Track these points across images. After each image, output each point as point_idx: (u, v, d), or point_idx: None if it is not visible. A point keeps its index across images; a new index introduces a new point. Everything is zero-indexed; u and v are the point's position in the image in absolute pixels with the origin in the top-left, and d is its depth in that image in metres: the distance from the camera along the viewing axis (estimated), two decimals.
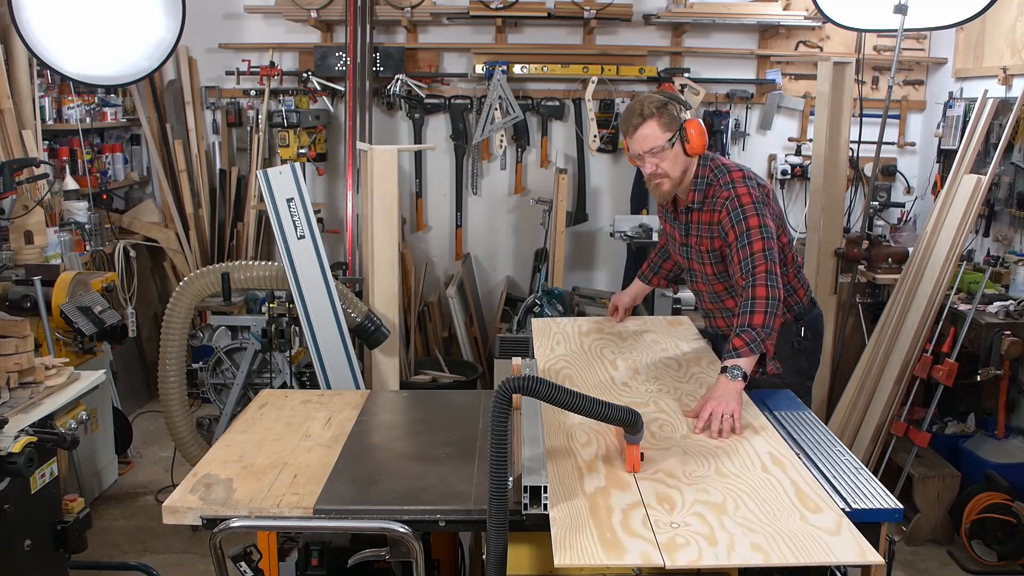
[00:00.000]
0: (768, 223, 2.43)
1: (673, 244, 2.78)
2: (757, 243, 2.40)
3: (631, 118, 2.45)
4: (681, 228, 2.67)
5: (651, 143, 2.43)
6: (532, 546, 1.78)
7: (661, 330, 3.00)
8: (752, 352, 2.28)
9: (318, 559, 2.21)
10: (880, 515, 1.84)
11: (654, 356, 2.70)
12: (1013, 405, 3.70)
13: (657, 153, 2.45)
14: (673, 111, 2.44)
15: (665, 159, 2.46)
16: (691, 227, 2.63)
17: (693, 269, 2.73)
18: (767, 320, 2.30)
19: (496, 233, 5.32)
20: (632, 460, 1.93)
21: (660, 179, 2.50)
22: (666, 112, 2.43)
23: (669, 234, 2.79)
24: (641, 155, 2.47)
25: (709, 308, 2.81)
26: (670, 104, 2.45)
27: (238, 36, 5.09)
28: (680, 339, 2.89)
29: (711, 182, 2.54)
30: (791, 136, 5.14)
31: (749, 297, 2.36)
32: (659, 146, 2.43)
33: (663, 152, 2.44)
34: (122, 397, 4.34)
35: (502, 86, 4.86)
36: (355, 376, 3.38)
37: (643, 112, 2.43)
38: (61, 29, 3.81)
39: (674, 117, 2.44)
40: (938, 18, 3.68)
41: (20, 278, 3.53)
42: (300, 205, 3.30)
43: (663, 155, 2.45)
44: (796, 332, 2.72)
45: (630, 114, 2.46)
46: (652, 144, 2.44)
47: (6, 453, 2.30)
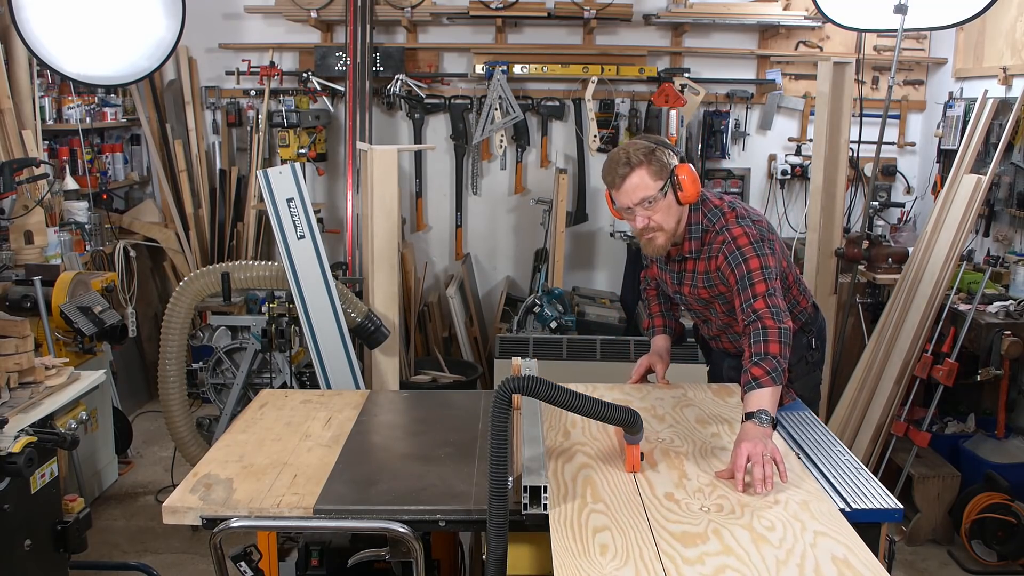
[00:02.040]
0: (769, 263, 2.24)
1: (665, 285, 2.59)
2: (759, 285, 2.21)
3: (616, 168, 2.22)
4: (673, 276, 2.50)
5: (641, 193, 2.21)
6: (532, 546, 1.79)
7: (706, 403, 2.40)
8: (774, 382, 2.06)
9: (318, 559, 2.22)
10: (880, 515, 1.85)
11: (703, 447, 2.10)
12: (1013, 405, 3.69)
13: (649, 205, 2.22)
14: (662, 157, 2.22)
15: (657, 210, 2.24)
16: (684, 276, 2.45)
17: (695, 310, 2.59)
18: (782, 350, 2.12)
19: (496, 233, 5.32)
20: (632, 460, 1.93)
21: (653, 233, 2.28)
22: (655, 159, 2.21)
23: (659, 278, 2.60)
24: (631, 208, 2.24)
25: (714, 334, 2.63)
26: (658, 150, 2.23)
27: (238, 36, 5.09)
28: (734, 417, 2.28)
29: (707, 228, 2.34)
30: (791, 136, 5.14)
31: (759, 328, 2.17)
32: (650, 196, 2.21)
33: (655, 203, 2.22)
34: (122, 397, 4.34)
35: (502, 86, 4.86)
36: (355, 376, 3.38)
37: (630, 160, 2.20)
38: (61, 29, 3.81)
39: (664, 164, 2.22)
40: (938, 18, 3.68)
41: (20, 278, 3.53)
42: (300, 205, 3.30)
43: (655, 206, 2.23)
44: (807, 345, 2.60)
45: (614, 164, 2.23)
46: (643, 195, 2.21)
47: (6, 453, 2.30)
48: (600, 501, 1.78)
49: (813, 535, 1.64)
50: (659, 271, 2.58)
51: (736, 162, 5.16)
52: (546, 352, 4.04)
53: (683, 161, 2.29)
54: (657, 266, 2.58)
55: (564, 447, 2.05)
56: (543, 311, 4.40)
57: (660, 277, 2.59)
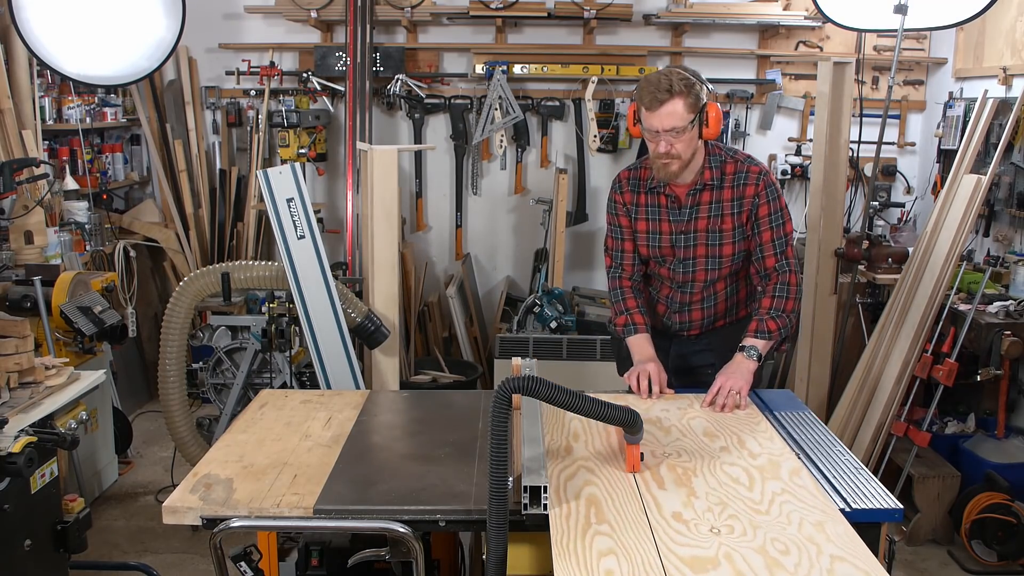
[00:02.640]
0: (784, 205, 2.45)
1: (657, 239, 2.56)
2: (789, 224, 2.41)
3: (656, 92, 2.26)
4: (682, 215, 2.50)
5: (673, 122, 2.28)
6: (532, 546, 1.79)
7: (714, 416, 2.31)
8: (780, 336, 2.35)
9: (318, 559, 2.21)
10: (880, 515, 1.84)
11: (712, 463, 1.99)
12: (1013, 405, 3.70)
13: (677, 134, 2.30)
14: (699, 91, 2.30)
15: (682, 140, 2.31)
16: (700, 209, 2.48)
17: (694, 258, 2.53)
18: (796, 307, 2.39)
19: (496, 233, 5.32)
20: (632, 460, 1.93)
21: (671, 160, 2.35)
22: (693, 91, 2.28)
23: (651, 232, 2.56)
24: (658, 132, 2.30)
25: (688, 301, 2.61)
26: (697, 83, 2.30)
27: (238, 36, 5.09)
28: (743, 431, 2.19)
29: (725, 160, 2.46)
30: (791, 136, 5.14)
31: (784, 282, 2.37)
32: (680, 126, 2.28)
33: (682, 133, 2.30)
34: (122, 397, 4.34)
35: (502, 86, 4.86)
36: (355, 376, 3.38)
37: (672, 87, 2.25)
38: (61, 29, 3.81)
39: (699, 98, 2.30)
40: (938, 18, 3.68)
41: (20, 278, 3.53)
42: (300, 205, 3.30)
43: (681, 136, 2.30)
44: None
45: (654, 86, 2.27)
46: (674, 123, 2.28)
47: (6, 453, 2.30)
48: (605, 522, 1.70)
49: (830, 559, 1.56)
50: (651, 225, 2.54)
51: None
52: (546, 352, 4.04)
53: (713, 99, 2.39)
54: (648, 221, 2.55)
55: (566, 463, 1.97)
56: (543, 311, 4.40)
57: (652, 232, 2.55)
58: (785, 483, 1.88)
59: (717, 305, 2.62)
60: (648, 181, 2.53)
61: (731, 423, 2.25)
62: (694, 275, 2.57)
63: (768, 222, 2.43)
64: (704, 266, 2.54)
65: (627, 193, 2.57)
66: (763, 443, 2.11)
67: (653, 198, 2.54)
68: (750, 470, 1.95)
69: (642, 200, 2.55)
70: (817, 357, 4.11)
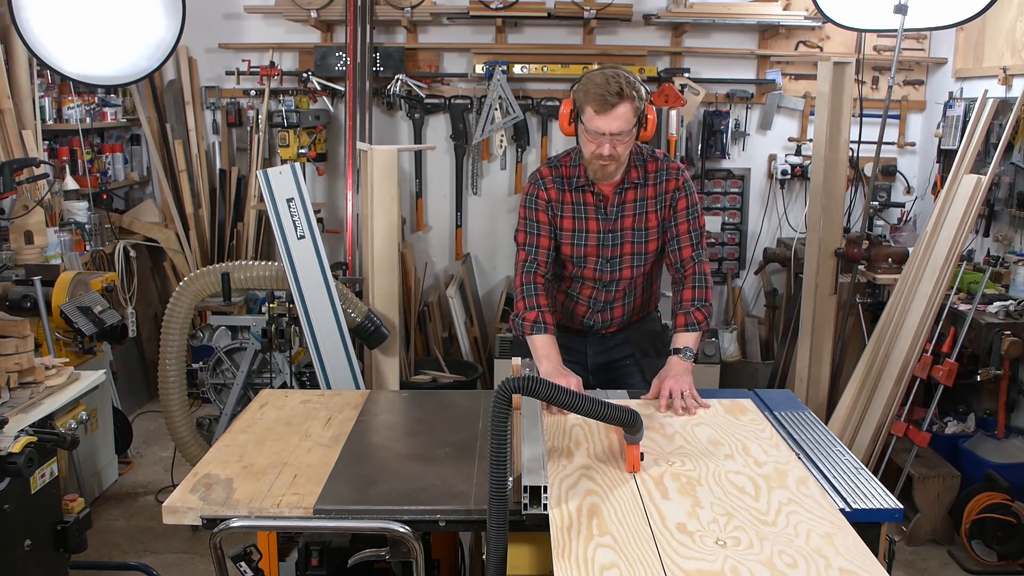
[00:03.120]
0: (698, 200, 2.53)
1: (583, 238, 2.52)
2: (703, 217, 2.52)
3: (606, 95, 2.23)
4: (610, 214, 2.49)
5: (621, 125, 2.26)
6: (532, 546, 1.78)
7: (718, 422, 2.23)
8: (707, 327, 2.44)
9: (318, 559, 2.21)
10: (880, 515, 1.84)
11: (717, 471, 1.93)
12: (1013, 405, 3.70)
13: (621, 137, 2.29)
14: (643, 93, 2.30)
15: (624, 143, 2.31)
16: (626, 207, 2.50)
17: (620, 256, 2.54)
18: (710, 295, 2.47)
19: (496, 233, 5.32)
20: (632, 460, 1.93)
21: (609, 162, 2.35)
22: (638, 94, 2.28)
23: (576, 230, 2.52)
24: (603, 135, 2.27)
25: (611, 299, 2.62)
26: (639, 85, 2.30)
27: (238, 36, 5.09)
28: (748, 438, 2.13)
29: (646, 158, 2.49)
30: (791, 136, 5.14)
31: (701, 272, 2.46)
32: (627, 130, 2.29)
33: (625, 136, 2.30)
34: (122, 397, 4.34)
35: (502, 86, 4.86)
36: (355, 376, 3.39)
37: (622, 92, 2.24)
38: (61, 29, 3.81)
39: (643, 99, 2.30)
40: (938, 18, 3.68)
41: (20, 278, 3.53)
42: (300, 205, 3.30)
43: (624, 139, 2.30)
44: None
45: (603, 90, 2.24)
46: (622, 127, 2.27)
47: (6, 453, 2.30)
48: (607, 534, 1.65)
49: (839, 573, 1.52)
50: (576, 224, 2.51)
51: (736, 162, 5.16)
52: None
53: None
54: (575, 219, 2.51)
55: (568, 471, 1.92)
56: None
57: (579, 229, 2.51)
58: (792, 492, 1.83)
59: (636, 300, 2.67)
60: (573, 179, 2.49)
61: (736, 430, 2.18)
62: (620, 273, 2.56)
63: (686, 215, 2.49)
64: (630, 263, 2.55)
65: (552, 190, 2.51)
66: (768, 450, 2.05)
67: (579, 196, 2.51)
68: (756, 479, 1.89)
69: (567, 198, 2.51)
70: (817, 357, 4.11)
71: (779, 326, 5.03)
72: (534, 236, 2.53)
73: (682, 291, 2.49)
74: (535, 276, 2.51)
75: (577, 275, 2.61)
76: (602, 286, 2.60)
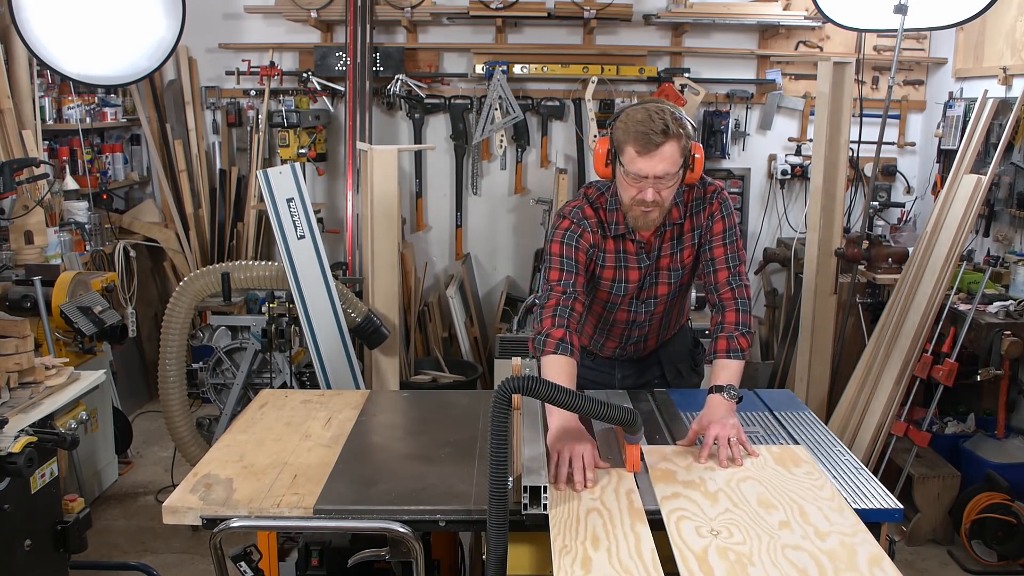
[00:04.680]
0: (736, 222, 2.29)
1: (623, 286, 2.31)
2: (739, 240, 2.25)
3: (650, 133, 1.97)
4: (649, 255, 2.27)
5: (667, 167, 2.00)
6: (532, 546, 1.78)
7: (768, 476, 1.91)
8: (748, 356, 2.18)
9: (318, 559, 2.21)
10: (880, 515, 1.84)
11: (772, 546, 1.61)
12: (1013, 405, 3.70)
13: (667, 180, 2.03)
14: (689, 131, 2.04)
15: (669, 187, 2.05)
16: (663, 247, 2.26)
17: (657, 296, 2.35)
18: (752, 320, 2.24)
19: (496, 233, 5.32)
20: (632, 460, 1.93)
21: (652, 208, 2.08)
22: (684, 132, 2.01)
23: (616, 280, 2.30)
24: (647, 178, 2.01)
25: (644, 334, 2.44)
26: (686, 122, 2.03)
27: (238, 36, 5.09)
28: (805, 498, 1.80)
29: (683, 189, 2.21)
30: (791, 136, 5.14)
31: (743, 297, 2.19)
32: (673, 172, 2.02)
33: (671, 179, 2.03)
34: (122, 397, 4.34)
35: (502, 86, 4.86)
36: (355, 376, 3.39)
37: (668, 129, 1.97)
38: (61, 29, 3.81)
39: (690, 138, 2.04)
40: (938, 18, 3.68)
41: (20, 278, 3.53)
42: (300, 205, 3.30)
43: (669, 181, 2.03)
44: None
45: (647, 128, 1.97)
46: (668, 169, 2.01)
47: (6, 453, 2.30)
48: None
49: None
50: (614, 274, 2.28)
51: (736, 162, 5.16)
52: None
53: None
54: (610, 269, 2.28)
55: None
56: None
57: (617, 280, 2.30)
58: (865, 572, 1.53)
59: (668, 326, 2.51)
60: (612, 225, 2.23)
61: (790, 486, 1.85)
62: (654, 311, 2.39)
63: (722, 238, 2.23)
64: (665, 300, 2.37)
65: (596, 234, 2.23)
66: (831, 516, 1.72)
67: (619, 244, 2.25)
68: (818, 556, 1.57)
69: (609, 246, 2.25)
70: (817, 357, 4.11)
71: (779, 326, 5.03)
72: (571, 275, 2.19)
73: (724, 313, 2.21)
74: (574, 303, 2.17)
75: (607, 318, 2.43)
76: (636, 326, 2.42)
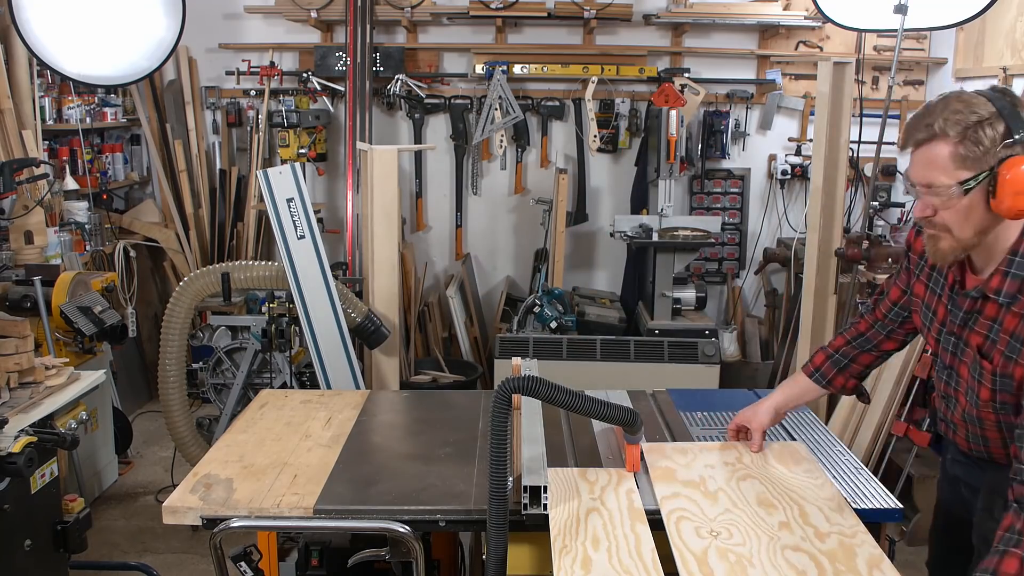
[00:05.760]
0: None
1: (929, 319, 1.83)
2: None
3: (916, 126, 1.57)
4: (956, 311, 1.72)
5: (930, 176, 1.56)
6: (532, 546, 1.79)
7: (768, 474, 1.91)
8: None
9: (318, 559, 2.21)
10: (880, 515, 1.84)
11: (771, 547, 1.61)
12: None
13: (939, 195, 1.57)
14: (986, 138, 1.51)
15: (950, 207, 1.57)
16: (975, 319, 1.68)
17: (956, 372, 1.76)
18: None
19: (496, 233, 5.32)
20: (632, 460, 1.93)
21: (936, 231, 1.62)
22: (973, 137, 1.51)
23: (926, 304, 1.84)
24: (915, 186, 1.61)
25: (955, 421, 1.83)
26: (988, 125, 1.51)
27: (238, 36, 5.09)
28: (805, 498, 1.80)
29: None
30: (791, 136, 5.14)
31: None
32: (943, 185, 1.55)
33: (948, 198, 1.56)
34: (122, 397, 4.34)
35: (502, 86, 4.86)
36: (355, 376, 3.38)
37: (935, 124, 1.54)
38: (61, 29, 3.81)
39: (985, 149, 1.51)
40: (938, 18, 3.68)
41: (20, 278, 3.53)
42: (300, 205, 3.30)
43: (948, 202, 1.56)
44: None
45: (918, 119, 1.58)
46: (932, 178, 1.56)
47: (6, 453, 2.30)
48: None
49: None
50: (928, 296, 1.83)
51: (736, 162, 5.16)
52: (546, 352, 4.04)
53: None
54: (926, 290, 1.83)
55: None
56: (543, 311, 4.40)
57: (928, 308, 1.83)
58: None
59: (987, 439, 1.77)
60: None
61: (790, 485, 1.85)
62: (956, 393, 1.80)
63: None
64: (964, 391, 1.76)
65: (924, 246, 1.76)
66: (831, 516, 1.72)
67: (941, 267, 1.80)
68: (818, 557, 1.57)
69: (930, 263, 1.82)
70: None
71: (779, 326, 5.03)
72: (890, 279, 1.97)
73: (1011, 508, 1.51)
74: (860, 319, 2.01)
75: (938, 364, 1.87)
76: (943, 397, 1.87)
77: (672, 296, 4.38)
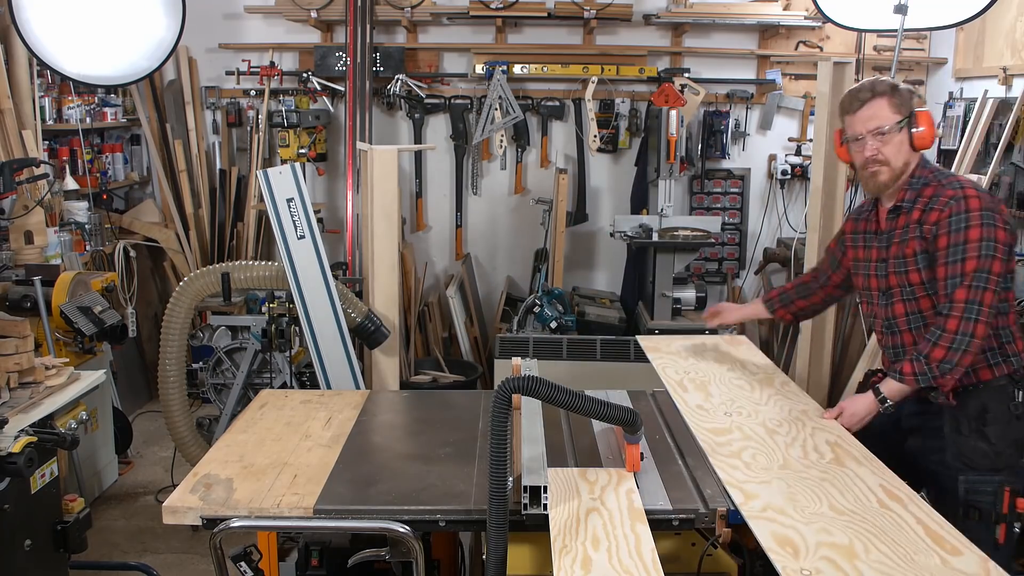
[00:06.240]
0: (997, 236, 2.08)
1: (863, 267, 2.40)
2: (971, 261, 2.07)
3: (858, 93, 2.23)
4: (882, 240, 2.32)
5: (876, 122, 2.19)
6: (532, 546, 1.79)
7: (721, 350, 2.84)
8: (916, 383, 2.11)
9: (318, 559, 2.22)
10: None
11: (722, 376, 2.56)
12: None
13: (882, 136, 2.20)
14: (906, 95, 2.21)
15: (889, 143, 2.20)
16: (894, 233, 2.28)
17: (891, 287, 2.30)
18: (948, 356, 2.07)
19: (496, 233, 5.32)
20: (632, 459, 1.93)
21: (878, 167, 2.23)
22: (898, 93, 2.20)
23: (860, 260, 2.42)
24: (862, 137, 2.22)
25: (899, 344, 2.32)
26: (904, 89, 2.23)
27: (238, 36, 5.09)
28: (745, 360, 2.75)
29: (928, 181, 2.22)
30: (791, 136, 5.14)
31: (939, 327, 2.10)
32: (885, 126, 2.19)
33: (889, 135, 2.19)
34: (122, 397, 4.34)
35: (502, 86, 4.86)
36: (355, 376, 3.38)
37: (874, 88, 2.21)
38: (61, 29, 3.81)
39: (906, 100, 2.20)
40: (938, 18, 3.68)
41: (20, 278, 3.53)
42: (300, 205, 3.30)
43: (888, 138, 2.19)
44: (1012, 395, 2.19)
45: (857, 90, 2.24)
46: (878, 124, 2.19)
47: (6, 453, 2.30)
48: None
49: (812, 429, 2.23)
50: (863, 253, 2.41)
51: (736, 162, 5.16)
52: (546, 352, 4.04)
53: None
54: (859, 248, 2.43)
55: None
56: (543, 311, 4.40)
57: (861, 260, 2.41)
58: (777, 388, 2.49)
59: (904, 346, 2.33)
60: (867, 208, 2.43)
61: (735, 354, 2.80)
62: (893, 309, 2.31)
63: (945, 255, 2.13)
64: (900, 296, 2.28)
65: (849, 222, 2.52)
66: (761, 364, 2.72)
67: (863, 224, 2.43)
68: (752, 381, 2.55)
69: (861, 227, 2.44)
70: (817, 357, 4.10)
71: (779, 326, 5.03)
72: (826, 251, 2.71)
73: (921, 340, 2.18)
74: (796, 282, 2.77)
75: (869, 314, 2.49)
76: (888, 330, 2.35)
77: (672, 296, 4.38)
